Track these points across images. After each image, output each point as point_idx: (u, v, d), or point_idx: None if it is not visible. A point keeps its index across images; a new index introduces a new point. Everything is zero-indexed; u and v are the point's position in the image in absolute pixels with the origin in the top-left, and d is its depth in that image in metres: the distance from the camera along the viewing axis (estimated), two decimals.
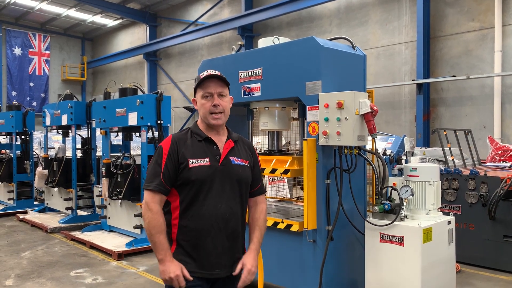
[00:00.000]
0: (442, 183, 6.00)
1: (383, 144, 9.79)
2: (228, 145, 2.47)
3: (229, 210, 2.40)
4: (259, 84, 4.39)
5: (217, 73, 2.44)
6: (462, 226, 5.89)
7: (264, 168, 4.29)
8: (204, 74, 2.44)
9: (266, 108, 4.52)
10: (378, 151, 4.50)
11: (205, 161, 2.37)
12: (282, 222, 4.16)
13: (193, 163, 2.35)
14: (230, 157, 2.45)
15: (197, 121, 2.54)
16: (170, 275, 2.28)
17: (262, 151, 4.79)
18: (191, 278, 2.32)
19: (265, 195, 2.71)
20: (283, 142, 5.23)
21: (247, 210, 2.62)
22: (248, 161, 2.53)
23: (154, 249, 2.33)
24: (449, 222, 3.91)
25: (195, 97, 2.50)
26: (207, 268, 2.37)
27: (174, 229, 2.38)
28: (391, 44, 13.79)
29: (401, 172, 4.27)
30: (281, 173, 4.15)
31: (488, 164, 8.40)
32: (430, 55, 12.87)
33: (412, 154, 9.77)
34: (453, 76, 12.19)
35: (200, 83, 2.43)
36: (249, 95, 4.49)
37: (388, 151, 9.20)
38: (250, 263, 2.46)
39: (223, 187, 2.39)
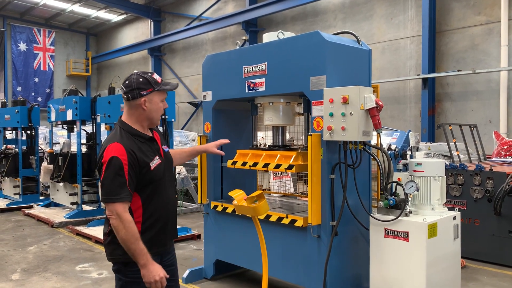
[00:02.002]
0: (447, 178, 5.98)
1: (388, 139, 9.75)
2: (157, 138, 2.66)
3: (173, 192, 2.73)
4: (263, 79, 4.37)
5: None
6: (468, 221, 5.87)
7: (268, 163, 4.29)
8: (162, 80, 2.59)
9: (271, 103, 4.51)
10: (383, 146, 4.50)
11: (157, 159, 2.55)
12: (287, 217, 4.16)
13: (152, 165, 2.50)
14: (163, 147, 2.68)
15: (124, 123, 2.54)
16: (155, 278, 2.36)
17: (267, 146, 4.78)
18: (167, 276, 2.44)
19: None
20: (288, 137, 5.22)
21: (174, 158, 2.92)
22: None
23: (134, 256, 2.36)
24: (454, 218, 3.89)
25: (145, 96, 2.50)
26: (163, 245, 2.63)
27: (138, 225, 2.45)
28: (396, 39, 13.71)
29: (406, 167, 4.25)
30: (286, 169, 4.14)
31: (493, 159, 8.36)
32: (436, 49, 12.79)
33: (417, 149, 9.73)
34: (458, 70, 12.12)
35: (163, 89, 2.55)
36: (254, 90, 4.48)
37: (393, 146, 9.17)
38: None
39: (168, 175, 2.67)
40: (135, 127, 2.53)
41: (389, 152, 8.09)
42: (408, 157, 8.51)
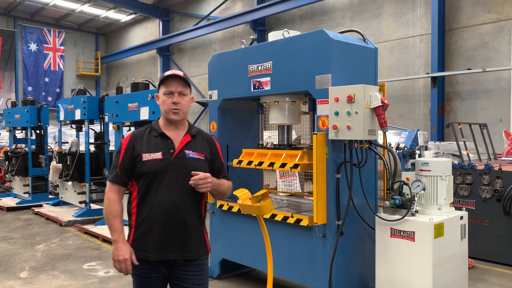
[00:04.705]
0: (456, 178, 5.92)
1: (396, 138, 9.69)
2: (185, 140, 2.62)
3: (180, 199, 2.54)
4: (268, 78, 4.36)
5: (180, 73, 2.61)
6: (476, 221, 5.80)
7: (274, 163, 4.27)
8: (167, 73, 2.61)
9: (276, 102, 4.49)
10: (391, 145, 4.47)
11: (158, 155, 2.54)
12: (292, 216, 4.14)
13: (146, 157, 2.54)
14: (186, 151, 2.60)
15: (159, 118, 2.70)
16: (119, 257, 2.48)
17: (272, 146, 4.77)
18: (136, 263, 2.51)
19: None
20: (294, 136, 5.21)
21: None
22: (204, 155, 2.65)
23: (110, 231, 2.55)
24: (461, 217, 3.85)
25: (158, 93, 2.66)
26: (158, 252, 2.53)
27: (133, 217, 2.61)
28: (405, 37, 13.59)
29: (414, 166, 4.21)
30: (291, 168, 4.12)
31: (503, 158, 8.25)
32: (445, 47, 12.66)
33: (426, 148, 9.65)
34: (468, 69, 11.98)
35: (163, 81, 2.60)
36: (259, 89, 4.47)
37: (402, 145, 9.11)
38: (208, 175, 2.53)
39: (176, 178, 2.54)
40: (159, 122, 2.67)
41: (397, 151, 8.03)
42: (416, 156, 8.44)
